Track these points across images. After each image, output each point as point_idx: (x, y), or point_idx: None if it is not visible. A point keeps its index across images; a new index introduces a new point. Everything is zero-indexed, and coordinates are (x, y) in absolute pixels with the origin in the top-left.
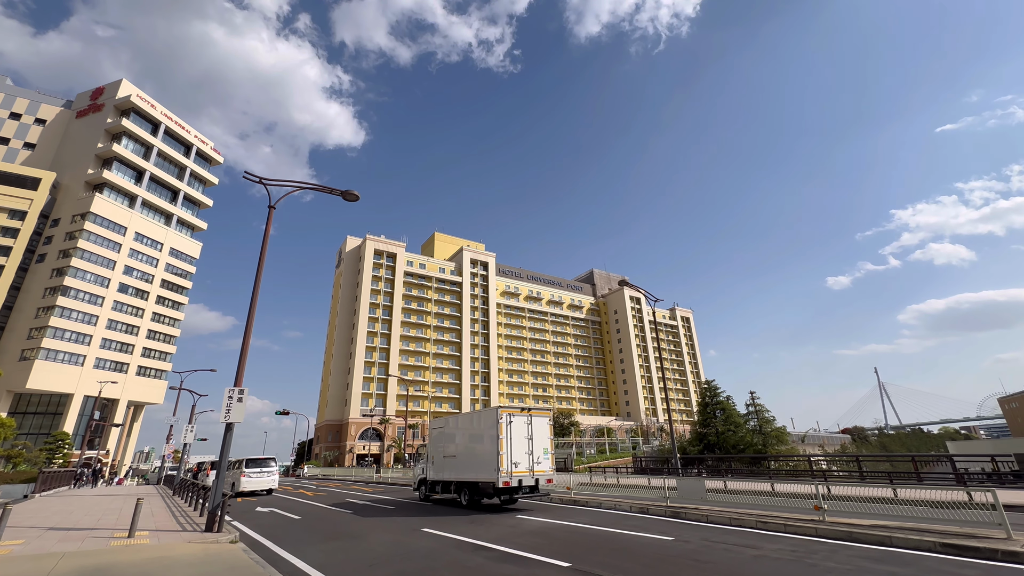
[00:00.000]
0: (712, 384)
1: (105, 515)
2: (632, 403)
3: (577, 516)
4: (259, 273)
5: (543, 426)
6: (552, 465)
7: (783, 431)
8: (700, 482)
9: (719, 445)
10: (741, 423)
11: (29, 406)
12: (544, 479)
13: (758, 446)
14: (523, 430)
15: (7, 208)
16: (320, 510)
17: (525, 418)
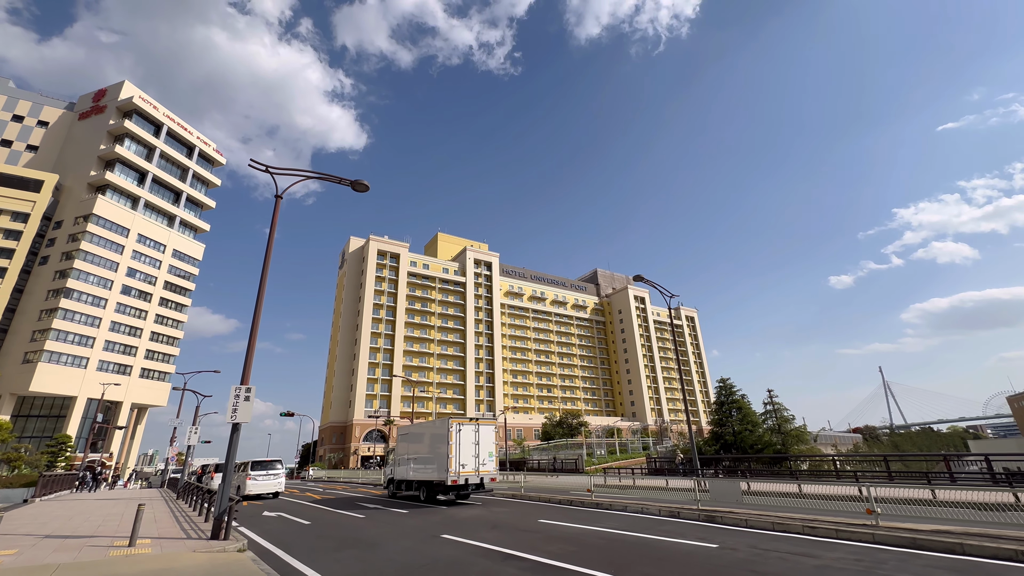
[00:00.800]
0: (727, 383)
1: (106, 521)
2: (637, 403)
3: (604, 520)
4: (266, 264)
5: (489, 434)
6: (496, 466)
7: (803, 430)
8: (734, 484)
9: (736, 445)
10: (758, 422)
11: (32, 409)
12: (488, 478)
13: (777, 446)
14: (471, 437)
15: (10, 210)
16: (330, 514)
17: (473, 427)
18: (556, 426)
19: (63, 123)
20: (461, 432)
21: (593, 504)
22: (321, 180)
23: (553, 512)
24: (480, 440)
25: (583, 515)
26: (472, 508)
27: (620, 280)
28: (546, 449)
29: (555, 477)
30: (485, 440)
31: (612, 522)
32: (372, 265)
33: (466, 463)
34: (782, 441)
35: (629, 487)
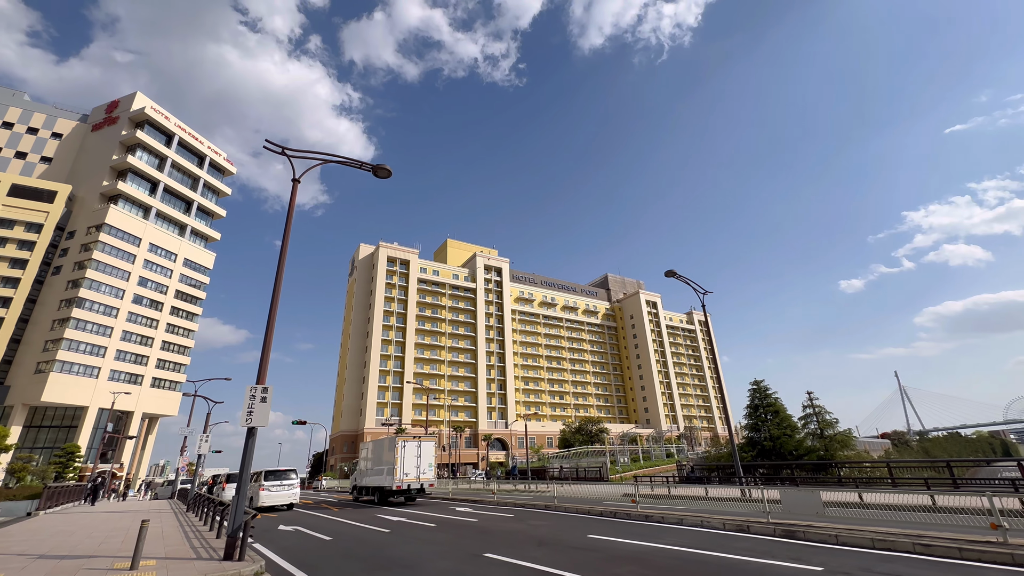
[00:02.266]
0: (761, 385)
1: (110, 537)
2: (651, 410)
3: (662, 536)
4: (283, 252)
5: (429, 448)
6: (434, 475)
7: (848, 435)
8: (813, 494)
9: (775, 451)
10: (796, 427)
11: (44, 420)
12: (427, 484)
13: (820, 452)
14: (414, 451)
15: (24, 221)
16: (352, 529)
17: (416, 443)
18: (575, 433)
19: (77, 135)
20: (406, 448)
21: (641, 516)
22: (340, 164)
23: (599, 526)
24: (421, 454)
25: (634, 529)
26: (507, 521)
27: (631, 285)
28: (566, 457)
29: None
30: (426, 454)
31: (672, 537)
32: (382, 272)
33: (409, 472)
34: (824, 446)
35: (665, 496)
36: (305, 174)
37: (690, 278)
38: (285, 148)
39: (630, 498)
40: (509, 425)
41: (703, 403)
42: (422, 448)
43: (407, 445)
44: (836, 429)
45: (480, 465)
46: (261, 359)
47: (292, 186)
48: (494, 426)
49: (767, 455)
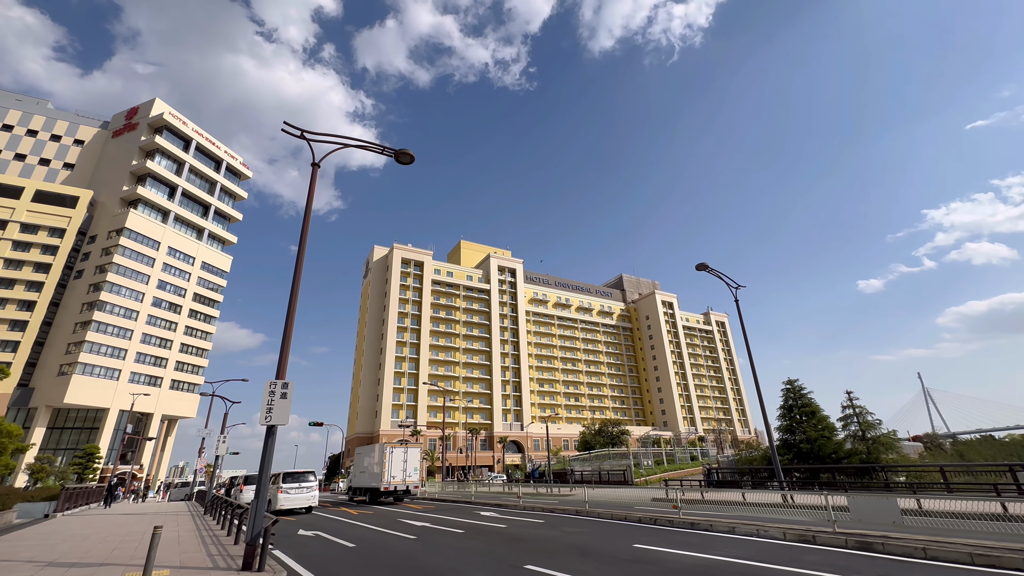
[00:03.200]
0: (796, 384)
1: (124, 542)
2: (668, 412)
3: (717, 546)
4: (303, 237)
5: (415, 453)
6: (419, 478)
7: (893, 437)
8: (889, 500)
9: (813, 454)
10: (835, 428)
11: (67, 421)
12: (413, 485)
13: (862, 455)
14: (401, 456)
15: (47, 226)
16: (375, 535)
17: (402, 449)
18: (596, 435)
19: (98, 141)
20: (393, 453)
21: (685, 523)
22: (360, 149)
23: (641, 533)
24: (407, 459)
25: (682, 538)
26: (539, 527)
27: (646, 285)
28: (587, 459)
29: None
30: (411, 459)
31: (730, 548)
32: (396, 273)
33: (396, 475)
34: (867, 449)
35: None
36: (324, 159)
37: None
38: (304, 131)
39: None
40: (525, 427)
41: (721, 405)
42: (408, 454)
43: (394, 451)
44: (878, 431)
45: (496, 468)
46: (281, 353)
47: (312, 171)
48: (509, 428)
49: (804, 458)
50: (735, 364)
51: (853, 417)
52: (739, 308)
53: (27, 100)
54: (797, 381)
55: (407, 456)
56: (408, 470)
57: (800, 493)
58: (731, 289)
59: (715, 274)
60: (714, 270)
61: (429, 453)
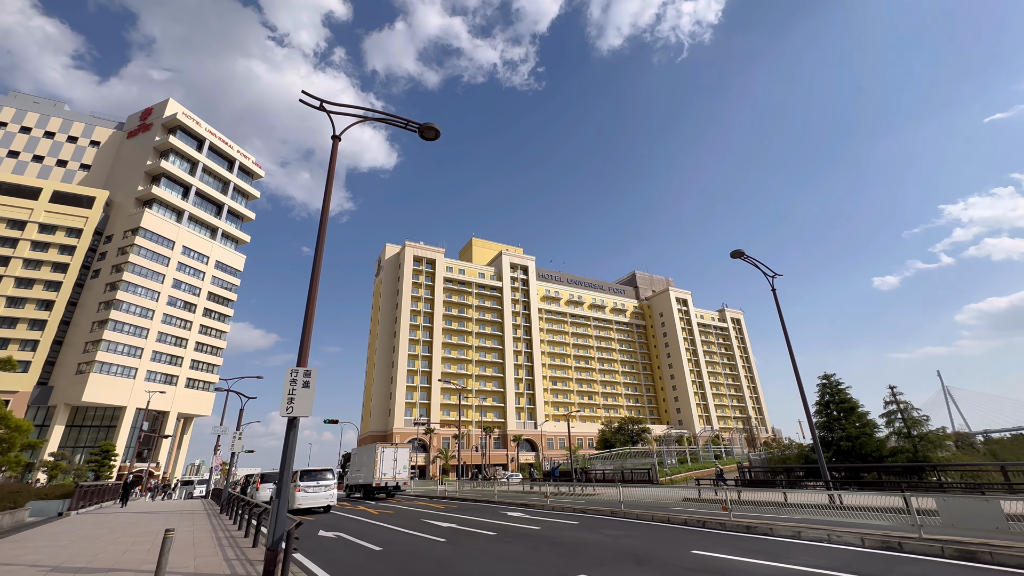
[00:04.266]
0: (832, 379)
1: (136, 543)
2: (684, 410)
3: (791, 554)
4: (325, 211)
5: (404, 454)
6: (408, 475)
7: (943, 434)
8: (991, 503)
9: (854, 452)
10: (876, 425)
11: (85, 419)
12: (402, 482)
13: (908, 453)
14: (391, 455)
15: (65, 226)
16: (401, 536)
17: (392, 449)
18: (616, 433)
19: (113, 142)
20: (384, 452)
21: (739, 527)
22: (383, 122)
23: (693, 538)
24: (397, 458)
25: (742, 543)
26: (576, 529)
27: (659, 282)
28: (608, 458)
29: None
30: (401, 458)
31: (805, 556)
32: (408, 271)
33: (386, 472)
34: (913, 447)
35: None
36: (345, 132)
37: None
38: (324, 101)
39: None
40: (539, 426)
41: (738, 403)
42: (398, 453)
43: (385, 451)
44: (925, 428)
45: (510, 466)
46: (302, 338)
47: (332, 144)
48: (523, 427)
49: (844, 456)
50: (751, 362)
51: (897, 413)
52: (776, 298)
53: (44, 102)
54: (834, 376)
55: (396, 455)
56: (397, 468)
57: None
58: (768, 278)
59: (751, 262)
60: (750, 257)
61: (443, 452)
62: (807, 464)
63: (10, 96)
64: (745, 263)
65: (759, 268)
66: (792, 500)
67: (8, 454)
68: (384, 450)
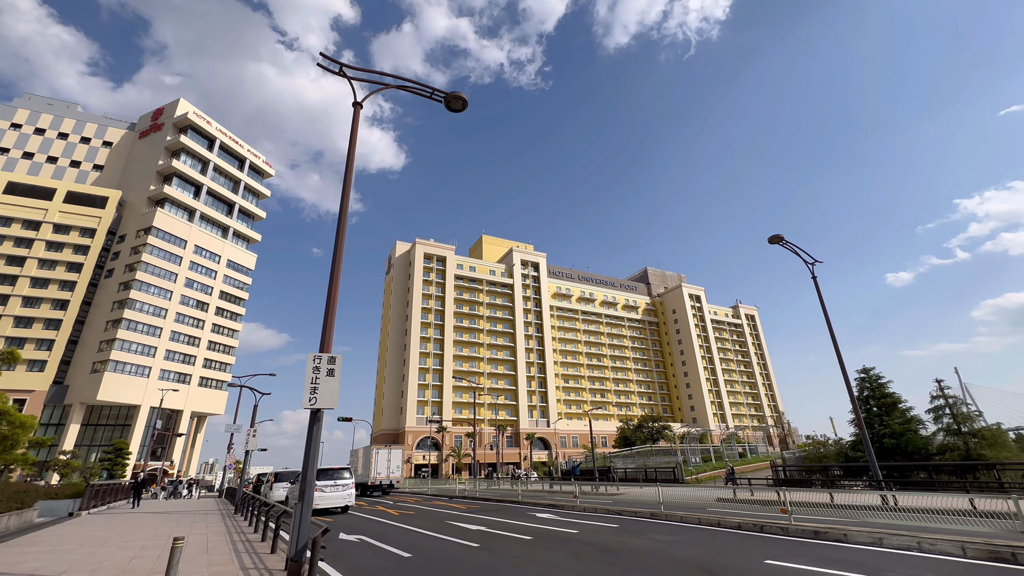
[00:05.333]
0: (872, 373)
1: (146, 548)
2: (698, 408)
3: (886, 566)
4: (348, 178)
5: (397, 454)
6: (401, 474)
7: (998, 431)
8: None
9: (898, 449)
10: (921, 421)
11: (100, 418)
12: (395, 480)
13: (960, 450)
14: (384, 455)
15: (79, 226)
16: (428, 540)
17: (387, 450)
18: (636, 430)
19: (125, 142)
20: (379, 453)
21: (806, 532)
22: (406, 91)
23: (756, 544)
24: (391, 459)
25: (817, 551)
26: (618, 534)
27: (672, 278)
28: (629, 456)
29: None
30: (394, 459)
31: (904, 568)
32: (419, 269)
33: (380, 471)
34: (965, 444)
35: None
36: (368, 98)
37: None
38: (344, 66)
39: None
40: (551, 424)
41: (753, 401)
42: (392, 454)
43: (380, 452)
44: (977, 423)
45: (523, 465)
46: (325, 321)
47: (354, 111)
48: (535, 425)
49: (888, 454)
50: (767, 359)
51: (945, 408)
52: (817, 286)
53: (58, 104)
54: (873, 370)
55: (390, 456)
56: (391, 467)
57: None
58: (807, 265)
59: (789, 248)
60: (788, 243)
61: (456, 450)
62: (847, 463)
63: (24, 98)
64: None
65: (798, 254)
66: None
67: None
68: (379, 451)
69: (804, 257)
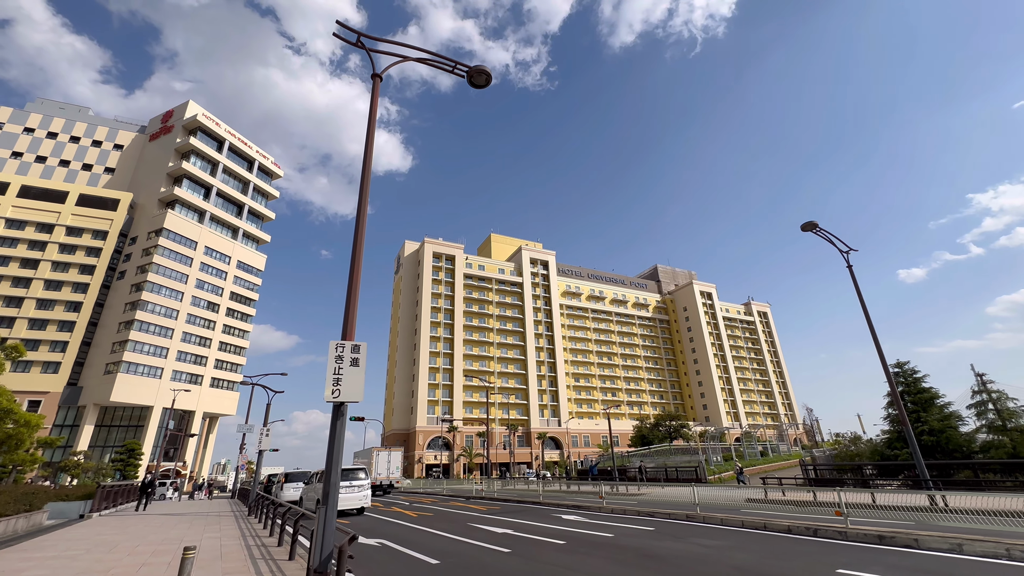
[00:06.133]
0: (907, 368)
1: (157, 554)
2: (711, 406)
3: None
4: (369, 147)
5: (397, 456)
6: (401, 474)
7: None
8: None
9: (939, 447)
10: (959, 417)
11: (114, 419)
12: (395, 480)
13: (1006, 448)
14: (385, 457)
15: (91, 229)
16: (454, 545)
17: (387, 452)
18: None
19: (136, 145)
20: (380, 455)
21: (869, 537)
22: (426, 64)
23: (819, 550)
24: (391, 460)
25: (893, 559)
26: (658, 537)
27: (682, 276)
28: (648, 455)
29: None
30: (394, 460)
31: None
32: (428, 268)
33: (380, 472)
34: (1011, 441)
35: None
36: (387, 70)
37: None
38: (361, 35)
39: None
40: (563, 423)
41: (766, 399)
42: (391, 456)
43: (380, 454)
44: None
45: (534, 465)
46: (347, 307)
47: (373, 82)
48: (546, 424)
49: (928, 453)
50: (780, 356)
51: (988, 404)
52: (853, 275)
53: (69, 108)
54: (908, 364)
55: (390, 458)
56: (391, 468)
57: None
58: (843, 254)
59: (823, 236)
60: (823, 230)
61: (467, 450)
62: (883, 461)
63: (37, 103)
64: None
65: (832, 242)
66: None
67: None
68: (379, 453)
69: (839, 246)
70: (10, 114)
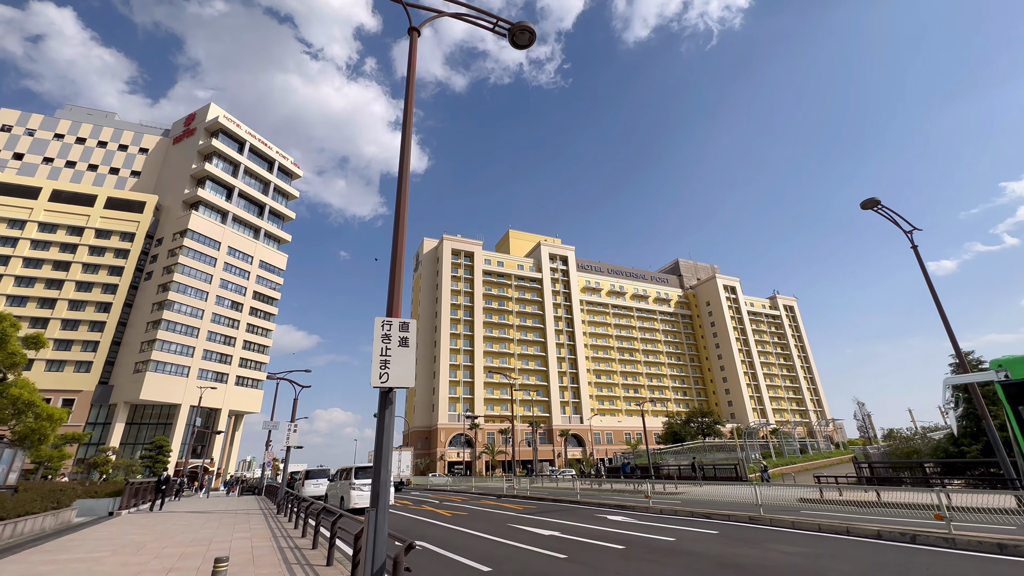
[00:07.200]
0: (971, 359)
1: (184, 558)
2: (736, 403)
3: None
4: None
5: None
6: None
7: None
8: None
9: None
10: None
11: (144, 417)
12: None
13: None
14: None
15: (119, 231)
16: (501, 549)
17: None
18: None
19: (160, 148)
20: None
21: (985, 546)
22: (463, 19)
23: (930, 560)
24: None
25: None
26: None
27: (704, 270)
28: (680, 452)
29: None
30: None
31: None
32: (447, 265)
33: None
34: None
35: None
36: (425, 24)
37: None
38: None
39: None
40: (585, 420)
41: (794, 395)
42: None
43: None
44: None
45: (556, 462)
46: (391, 279)
47: (411, 37)
48: (568, 421)
49: None
50: (807, 351)
51: None
52: (919, 256)
53: (96, 113)
54: (972, 354)
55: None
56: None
57: None
58: (907, 235)
59: (885, 214)
60: (885, 208)
61: (489, 447)
62: (947, 459)
63: (66, 109)
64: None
65: (895, 222)
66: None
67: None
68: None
69: (903, 225)
70: (41, 121)
